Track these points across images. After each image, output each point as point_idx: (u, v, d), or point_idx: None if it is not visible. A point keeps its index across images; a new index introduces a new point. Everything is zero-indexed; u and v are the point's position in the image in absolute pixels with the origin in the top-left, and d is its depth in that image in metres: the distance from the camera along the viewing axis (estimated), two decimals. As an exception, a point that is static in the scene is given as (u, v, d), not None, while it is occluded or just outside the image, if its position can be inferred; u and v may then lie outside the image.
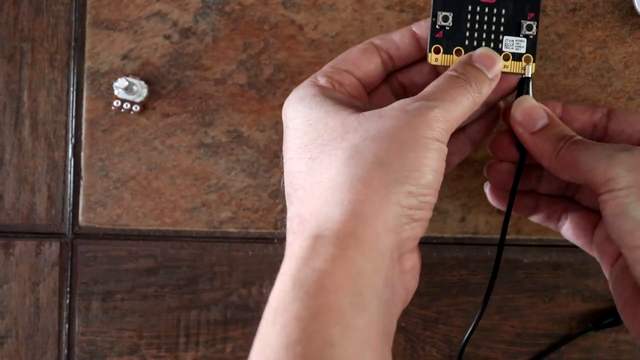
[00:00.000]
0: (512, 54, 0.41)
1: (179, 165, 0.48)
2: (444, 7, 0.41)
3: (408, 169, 0.35)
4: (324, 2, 0.48)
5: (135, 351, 0.49)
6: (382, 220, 0.34)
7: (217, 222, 0.49)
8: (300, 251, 0.34)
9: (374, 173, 0.34)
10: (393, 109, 0.36)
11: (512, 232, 0.48)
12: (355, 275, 0.33)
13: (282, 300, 0.33)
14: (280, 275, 0.34)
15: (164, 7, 0.48)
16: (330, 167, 0.35)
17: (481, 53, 0.40)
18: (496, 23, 0.41)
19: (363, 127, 0.36)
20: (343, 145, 0.35)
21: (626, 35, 0.48)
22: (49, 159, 0.49)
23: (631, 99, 0.48)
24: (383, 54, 0.42)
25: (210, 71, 0.48)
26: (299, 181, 0.37)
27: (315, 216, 0.35)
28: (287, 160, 0.38)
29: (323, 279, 0.32)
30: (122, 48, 0.48)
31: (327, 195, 0.35)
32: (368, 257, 0.34)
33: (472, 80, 0.38)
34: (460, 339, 0.49)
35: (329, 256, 0.33)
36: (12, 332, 0.49)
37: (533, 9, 0.41)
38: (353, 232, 0.33)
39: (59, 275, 0.49)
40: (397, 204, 0.35)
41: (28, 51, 0.48)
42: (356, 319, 0.32)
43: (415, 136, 0.35)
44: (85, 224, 0.49)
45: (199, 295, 0.49)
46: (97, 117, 0.48)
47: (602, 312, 0.48)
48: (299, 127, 0.38)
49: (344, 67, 0.41)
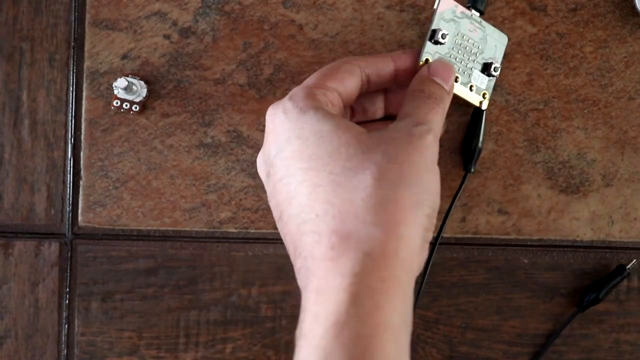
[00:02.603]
0: (476, 87, 0.45)
1: (178, 165, 0.48)
2: (443, 25, 0.44)
3: (425, 192, 0.37)
4: (324, 2, 0.48)
5: (134, 352, 0.49)
6: (414, 240, 0.36)
7: (217, 222, 0.48)
8: (352, 269, 0.35)
9: (402, 194, 0.36)
10: (399, 131, 0.38)
11: (512, 232, 0.48)
12: (403, 295, 0.35)
13: (342, 317, 0.34)
14: (334, 292, 0.35)
15: (164, 6, 0.48)
16: (360, 185, 0.36)
17: (437, 66, 0.42)
18: (474, 55, 0.45)
19: (381, 147, 0.37)
20: (368, 165, 0.37)
21: (627, 35, 0.48)
22: (48, 159, 0.49)
23: (632, 99, 0.48)
24: (364, 77, 0.43)
25: (210, 71, 0.48)
26: (323, 195, 0.37)
27: (356, 236, 0.36)
28: (298, 170, 0.38)
29: (379, 298, 0.34)
30: (122, 48, 0.48)
31: (364, 215, 0.36)
32: (409, 278, 0.36)
33: (440, 101, 0.41)
34: (461, 339, 0.49)
35: (381, 275, 0.35)
36: (12, 333, 0.49)
37: (499, 54, 0.46)
38: (396, 252, 0.35)
39: (58, 275, 0.49)
40: (420, 225, 0.37)
41: (27, 51, 0.48)
42: (403, 336, 0.35)
43: (426, 160, 0.38)
44: (85, 224, 0.49)
45: (198, 295, 0.49)
46: (96, 117, 0.48)
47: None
48: (308, 137, 0.38)
49: (334, 85, 0.42)
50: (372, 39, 0.48)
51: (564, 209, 0.48)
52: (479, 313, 0.49)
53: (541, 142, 0.48)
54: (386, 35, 0.48)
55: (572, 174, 0.48)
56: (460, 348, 0.49)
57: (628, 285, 0.49)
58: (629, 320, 0.49)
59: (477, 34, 0.45)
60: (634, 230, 0.48)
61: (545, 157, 0.48)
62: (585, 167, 0.48)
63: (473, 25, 0.45)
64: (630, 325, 0.49)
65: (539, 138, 0.48)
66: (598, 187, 0.48)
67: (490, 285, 0.49)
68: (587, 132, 0.48)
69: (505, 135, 0.48)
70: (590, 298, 0.48)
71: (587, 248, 0.49)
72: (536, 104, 0.48)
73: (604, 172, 0.48)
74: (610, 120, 0.48)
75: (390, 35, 0.48)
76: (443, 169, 0.45)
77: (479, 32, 0.45)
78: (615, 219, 0.48)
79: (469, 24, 0.44)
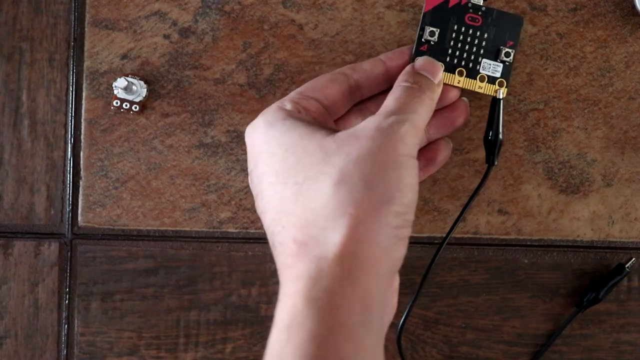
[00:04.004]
0: (488, 76, 0.44)
1: (178, 165, 0.48)
2: (432, 22, 0.43)
3: (392, 189, 0.36)
4: (324, 2, 0.48)
5: (134, 352, 0.49)
6: (377, 242, 0.36)
7: (217, 222, 0.48)
8: (307, 272, 0.35)
9: (363, 196, 0.36)
10: (367, 128, 0.37)
11: (512, 233, 0.48)
12: (362, 295, 0.35)
13: (296, 319, 0.34)
14: (289, 296, 0.35)
15: (164, 6, 0.48)
16: (320, 192, 0.36)
17: (423, 62, 0.42)
18: (477, 45, 0.44)
19: (343, 149, 0.37)
20: (328, 170, 0.36)
21: (627, 35, 0.48)
22: (48, 159, 0.49)
23: (632, 99, 0.48)
24: (352, 83, 0.43)
25: (210, 71, 0.48)
26: (287, 207, 0.38)
27: (315, 241, 0.36)
28: (268, 185, 0.39)
29: (334, 298, 0.34)
30: (122, 48, 0.48)
31: (323, 221, 0.36)
32: (370, 278, 0.35)
33: (425, 89, 0.40)
34: (461, 339, 0.49)
35: (337, 277, 0.34)
36: (11, 333, 0.49)
37: (513, 37, 0.44)
38: (354, 254, 0.35)
39: (58, 275, 0.49)
40: (387, 224, 0.36)
41: (27, 51, 0.48)
42: (365, 336, 0.34)
43: (393, 155, 0.37)
44: (85, 224, 0.49)
45: (198, 295, 0.49)
46: (96, 116, 0.48)
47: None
48: (275, 151, 0.39)
49: (311, 94, 0.42)
50: (372, 39, 0.48)
51: (564, 209, 0.48)
52: (479, 313, 0.49)
53: (541, 142, 0.48)
54: (386, 35, 0.48)
55: (572, 174, 0.48)
56: (460, 348, 0.49)
57: (628, 285, 0.49)
58: (629, 320, 0.49)
59: (481, 23, 0.44)
60: (634, 230, 0.48)
61: (546, 157, 0.48)
62: (586, 167, 0.48)
63: (474, 14, 0.44)
64: (631, 325, 0.49)
65: (539, 138, 0.48)
66: (598, 187, 0.48)
67: (490, 285, 0.49)
68: (588, 132, 0.48)
69: (505, 135, 0.48)
70: (590, 298, 0.48)
71: (587, 248, 0.49)
72: (536, 104, 0.48)
73: (604, 172, 0.48)
74: (611, 120, 0.48)
75: (390, 35, 0.48)
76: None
77: (482, 20, 0.44)
78: (615, 219, 0.48)
79: (469, 14, 0.44)
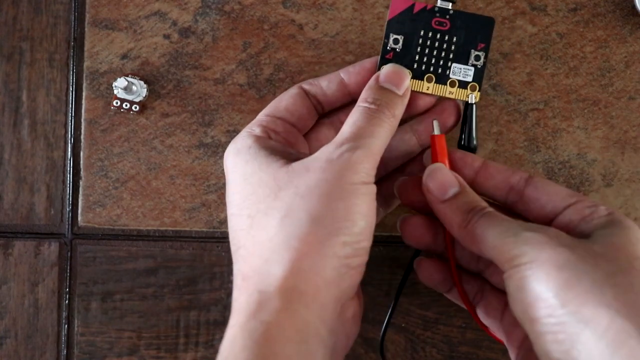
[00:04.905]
0: (459, 81, 0.43)
1: (178, 165, 0.48)
2: (396, 30, 0.43)
3: (340, 219, 0.36)
4: (324, 2, 0.48)
5: (134, 352, 0.49)
6: (321, 274, 0.35)
7: (217, 222, 0.48)
8: (247, 305, 0.35)
9: (308, 229, 0.36)
10: (318, 159, 0.37)
11: (512, 232, 0.48)
12: (301, 326, 0.35)
13: (232, 350, 0.34)
14: (229, 328, 0.36)
15: (164, 6, 0.48)
16: (268, 226, 0.36)
17: (388, 72, 0.41)
18: (446, 50, 0.43)
19: (293, 183, 0.37)
20: (277, 205, 0.37)
21: (627, 35, 0.48)
22: (48, 159, 0.49)
23: (632, 99, 0.48)
24: (312, 98, 0.43)
25: (210, 71, 0.48)
26: (240, 239, 0.38)
27: (257, 274, 0.36)
28: (229, 216, 0.39)
29: (270, 330, 0.34)
30: (122, 48, 0.48)
31: (268, 254, 0.36)
32: (312, 309, 0.35)
33: (384, 107, 0.39)
34: (461, 339, 0.49)
35: (275, 309, 0.34)
36: (11, 333, 0.49)
37: (484, 39, 0.43)
38: (295, 287, 0.35)
39: (58, 275, 0.49)
40: (334, 256, 0.36)
41: (27, 51, 0.48)
42: None
43: (341, 185, 0.36)
44: (85, 224, 0.49)
45: (198, 295, 0.49)
46: (96, 116, 0.48)
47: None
48: (237, 181, 0.39)
49: (277, 114, 0.42)
50: (372, 39, 0.48)
51: (564, 209, 0.48)
52: (479, 313, 0.49)
53: (541, 142, 0.48)
54: (386, 35, 0.48)
55: (572, 174, 0.48)
56: (460, 348, 0.49)
57: (628, 285, 0.48)
58: (629, 321, 0.49)
59: (449, 27, 0.43)
60: (634, 230, 0.48)
61: (546, 157, 0.48)
62: (586, 167, 0.48)
63: (441, 19, 0.43)
64: (631, 325, 0.49)
65: (539, 138, 0.48)
66: (598, 187, 0.48)
67: (491, 286, 0.49)
68: (588, 132, 0.48)
69: (505, 135, 0.48)
70: None
71: (588, 248, 0.49)
72: (536, 104, 0.48)
73: (604, 172, 0.48)
74: (611, 120, 0.48)
75: (390, 35, 0.48)
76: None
77: (450, 24, 0.43)
78: (615, 219, 0.48)
79: (436, 19, 0.43)
